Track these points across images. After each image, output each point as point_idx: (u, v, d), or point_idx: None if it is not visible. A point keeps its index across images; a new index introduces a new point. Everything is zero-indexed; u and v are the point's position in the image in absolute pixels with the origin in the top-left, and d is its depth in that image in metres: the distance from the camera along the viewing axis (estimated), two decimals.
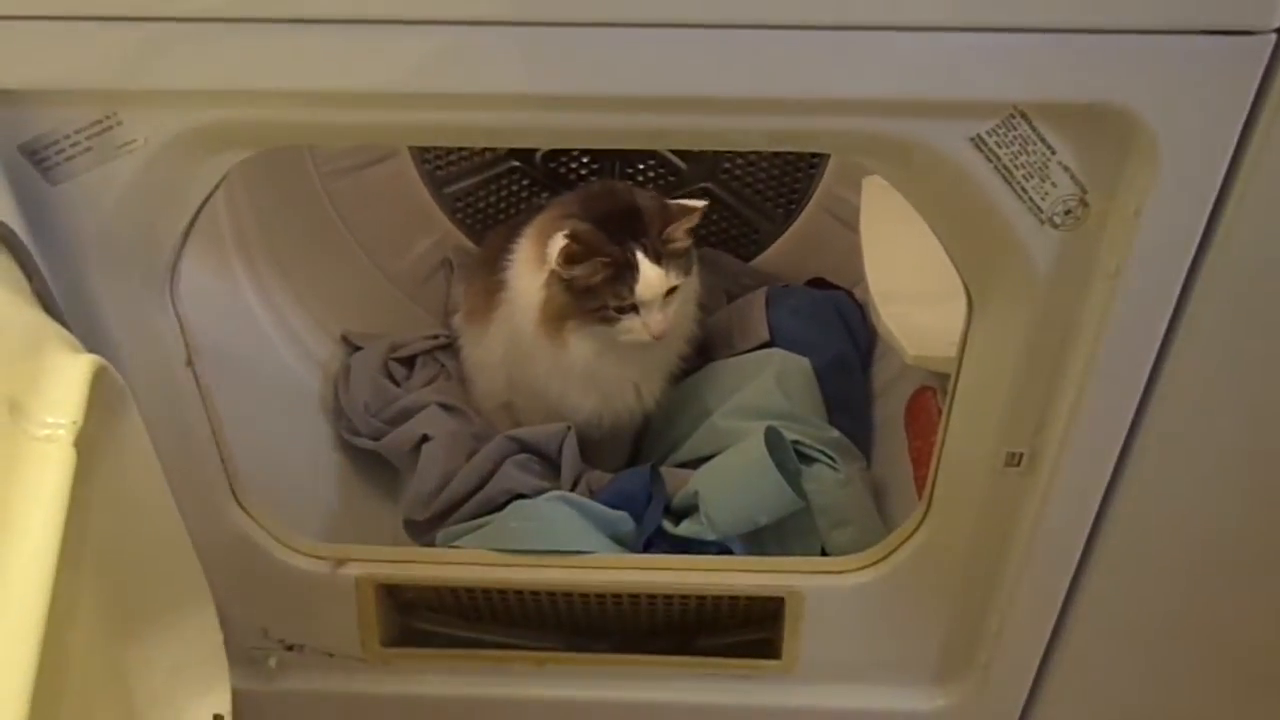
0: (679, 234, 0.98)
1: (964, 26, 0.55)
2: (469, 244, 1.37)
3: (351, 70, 0.59)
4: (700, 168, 1.34)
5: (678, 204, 1.00)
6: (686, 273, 1.01)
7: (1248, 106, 0.56)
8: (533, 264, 1.03)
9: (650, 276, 0.96)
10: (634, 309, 0.97)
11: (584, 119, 0.63)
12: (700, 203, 1.00)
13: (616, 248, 0.96)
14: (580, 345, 1.01)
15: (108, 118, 0.61)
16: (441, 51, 0.58)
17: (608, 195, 1.03)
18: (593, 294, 0.98)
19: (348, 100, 0.62)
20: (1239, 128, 0.57)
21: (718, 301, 1.28)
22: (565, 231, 0.97)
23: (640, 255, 0.96)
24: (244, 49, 0.58)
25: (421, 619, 0.97)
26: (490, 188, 1.36)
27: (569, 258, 0.96)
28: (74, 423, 0.53)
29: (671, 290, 0.99)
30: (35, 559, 0.49)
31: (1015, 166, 0.61)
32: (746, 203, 1.36)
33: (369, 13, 0.56)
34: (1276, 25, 0.53)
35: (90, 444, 0.55)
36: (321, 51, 0.58)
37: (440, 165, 1.34)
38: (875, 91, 0.59)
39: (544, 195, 1.36)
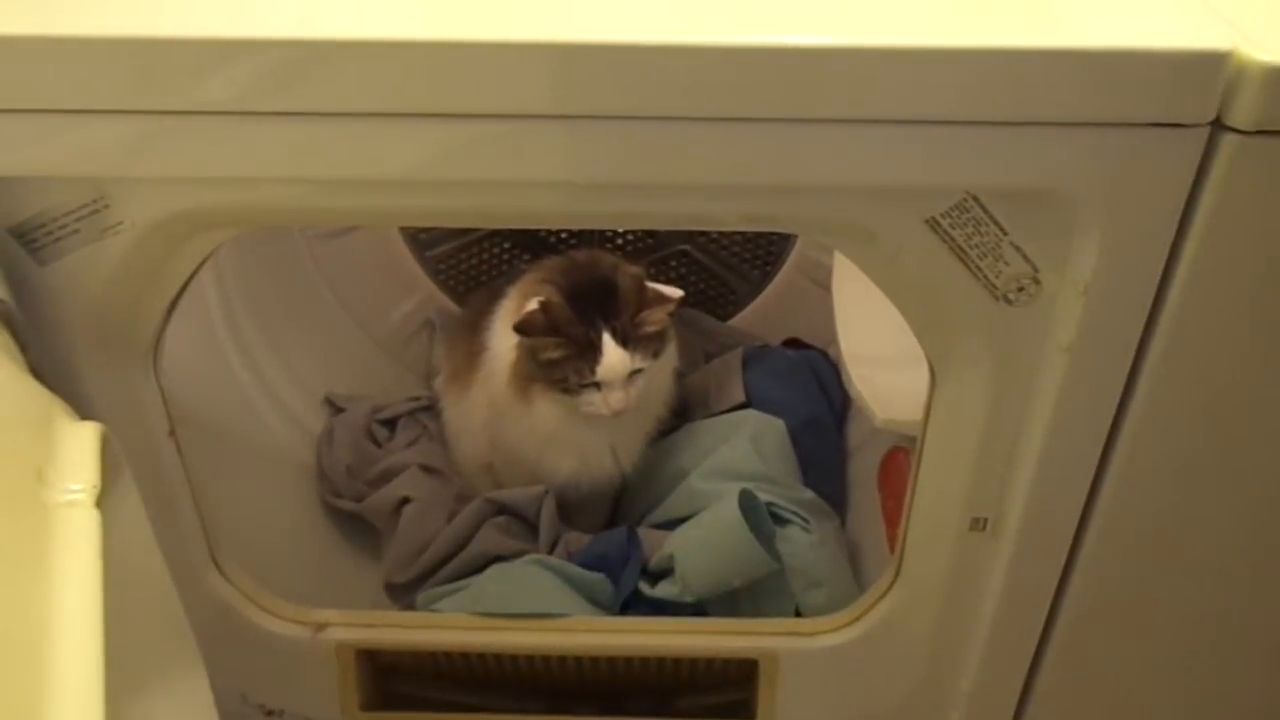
0: (652, 319, 0.99)
1: (920, 119, 0.58)
2: (452, 306, 1.39)
3: (345, 160, 0.61)
4: (678, 231, 1.37)
5: (655, 290, 1.00)
6: (655, 356, 1.00)
7: (1186, 192, 0.59)
8: (510, 325, 1.05)
9: (613, 359, 0.97)
10: (595, 385, 0.98)
11: (574, 204, 0.66)
12: (678, 292, 1.00)
13: (581, 328, 0.97)
14: (546, 408, 1.02)
15: (96, 201, 0.64)
16: (437, 142, 0.60)
17: (590, 268, 1.04)
18: (555, 366, 0.99)
19: (341, 187, 0.64)
20: (1179, 212, 0.60)
21: (695, 361, 1.30)
22: (540, 298, 0.99)
23: (606, 336, 0.97)
24: (239, 139, 0.60)
25: (401, 682, 0.97)
26: (473, 250, 1.38)
27: (525, 327, 0.97)
28: (94, 486, 0.56)
29: (636, 371, 0.99)
30: (86, 620, 0.51)
31: (969, 246, 0.64)
32: (724, 265, 1.39)
33: (365, 106, 0.59)
34: (1209, 119, 0.56)
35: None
36: (319, 141, 0.60)
37: (423, 229, 1.37)
38: (837, 178, 0.61)
39: (525, 258, 1.39)
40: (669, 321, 1.02)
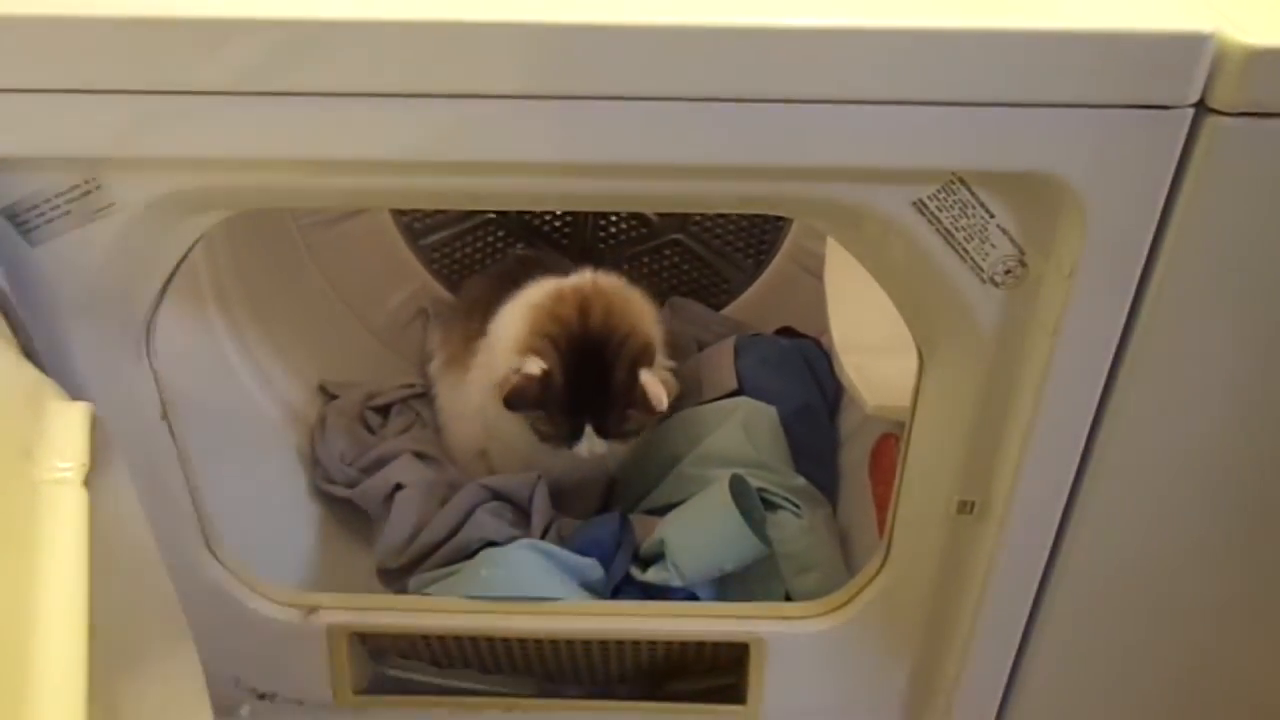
0: (635, 419, 1.01)
1: (906, 100, 0.59)
2: (445, 294, 1.39)
3: (340, 140, 0.61)
4: (671, 220, 1.37)
5: (644, 390, 1.00)
6: (636, 435, 1.04)
7: (1171, 174, 0.60)
8: (514, 331, 1.04)
9: (592, 446, 1.01)
10: None
11: (566, 185, 0.67)
12: (664, 404, 1.00)
13: (566, 415, 1.00)
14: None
15: (87, 182, 0.64)
16: (429, 123, 0.61)
17: (597, 337, 1.02)
18: (535, 427, 1.03)
19: (334, 168, 0.65)
20: (1164, 193, 0.60)
21: (688, 350, 1.30)
22: (543, 367, 0.99)
23: (589, 429, 1.00)
24: (231, 120, 0.60)
25: (392, 665, 0.98)
26: (466, 239, 1.39)
27: (514, 401, 0.99)
28: (82, 465, 0.57)
29: None
30: (71, 597, 0.52)
31: (956, 229, 0.64)
32: (717, 254, 1.39)
33: (356, 87, 0.59)
34: (1193, 100, 0.57)
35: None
36: (309, 123, 0.60)
37: (417, 218, 1.37)
38: (824, 159, 0.62)
39: (519, 246, 1.39)
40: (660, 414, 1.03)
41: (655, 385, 1.00)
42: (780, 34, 0.57)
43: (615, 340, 1.02)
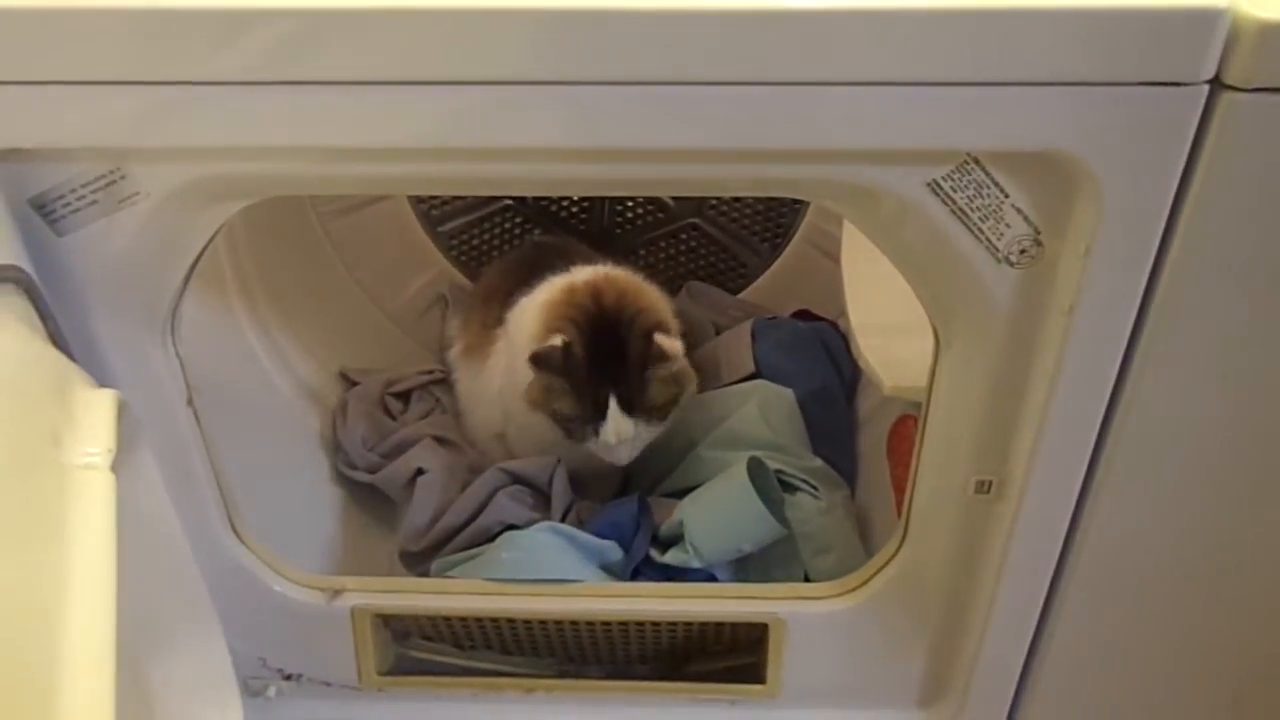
0: (658, 380, 1.01)
1: (919, 81, 0.59)
2: (464, 280, 1.40)
3: (358, 128, 0.62)
4: (688, 205, 1.38)
5: (659, 346, 1.00)
6: (663, 419, 1.03)
7: (1186, 151, 0.60)
8: (531, 327, 1.05)
9: (620, 426, 1.00)
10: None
11: (584, 170, 0.67)
12: (679, 352, 1.01)
13: (590, 387, 0.99)
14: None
15: (113, 172, 0.65)
16: (446, 109, 0.61)
17: (611, 315, 1.03)
18: (562, 417, 1.02)
19: (353, 155, 0.65)
20: (1179, 171, 0.60)
21: (706, 334, 1.31)
22: (564, 338, 1.00)
23: (613, 402, 0.99)
24: (252, 109, 0.61)
25: (415, 647, 0.99)
26: (484, 226, 1.40)
27: (542, 360, 0.99)
28: (109, 451, 0.59)
29: None
30: (99, 579, 0.54)
31: (971, 209, 0.65)
32: (734, 238, 1.39)
33: (373, 75, 0.60)
34: (1207, 77, 0.57)
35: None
36: (328, 110, 0.61)
37: (435, 205, 1.38)
38: (839, 141, 0.62)
39: (536, 232, 1.40)
40: (679, 390, 1.04)
41: (668, 340, 1.01)
42: (794, 16, 0.57)
43: (629, 314, 1.03)
